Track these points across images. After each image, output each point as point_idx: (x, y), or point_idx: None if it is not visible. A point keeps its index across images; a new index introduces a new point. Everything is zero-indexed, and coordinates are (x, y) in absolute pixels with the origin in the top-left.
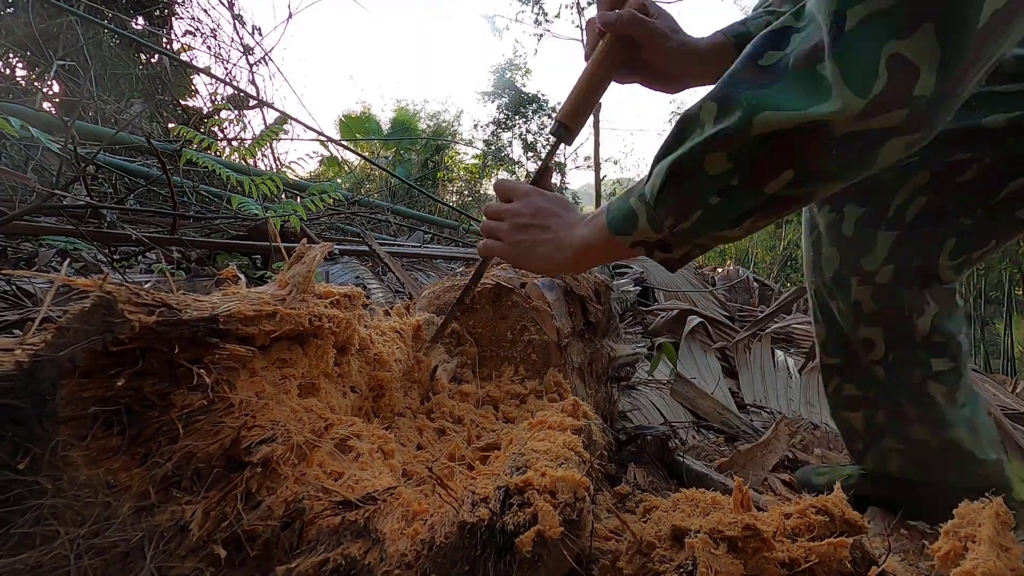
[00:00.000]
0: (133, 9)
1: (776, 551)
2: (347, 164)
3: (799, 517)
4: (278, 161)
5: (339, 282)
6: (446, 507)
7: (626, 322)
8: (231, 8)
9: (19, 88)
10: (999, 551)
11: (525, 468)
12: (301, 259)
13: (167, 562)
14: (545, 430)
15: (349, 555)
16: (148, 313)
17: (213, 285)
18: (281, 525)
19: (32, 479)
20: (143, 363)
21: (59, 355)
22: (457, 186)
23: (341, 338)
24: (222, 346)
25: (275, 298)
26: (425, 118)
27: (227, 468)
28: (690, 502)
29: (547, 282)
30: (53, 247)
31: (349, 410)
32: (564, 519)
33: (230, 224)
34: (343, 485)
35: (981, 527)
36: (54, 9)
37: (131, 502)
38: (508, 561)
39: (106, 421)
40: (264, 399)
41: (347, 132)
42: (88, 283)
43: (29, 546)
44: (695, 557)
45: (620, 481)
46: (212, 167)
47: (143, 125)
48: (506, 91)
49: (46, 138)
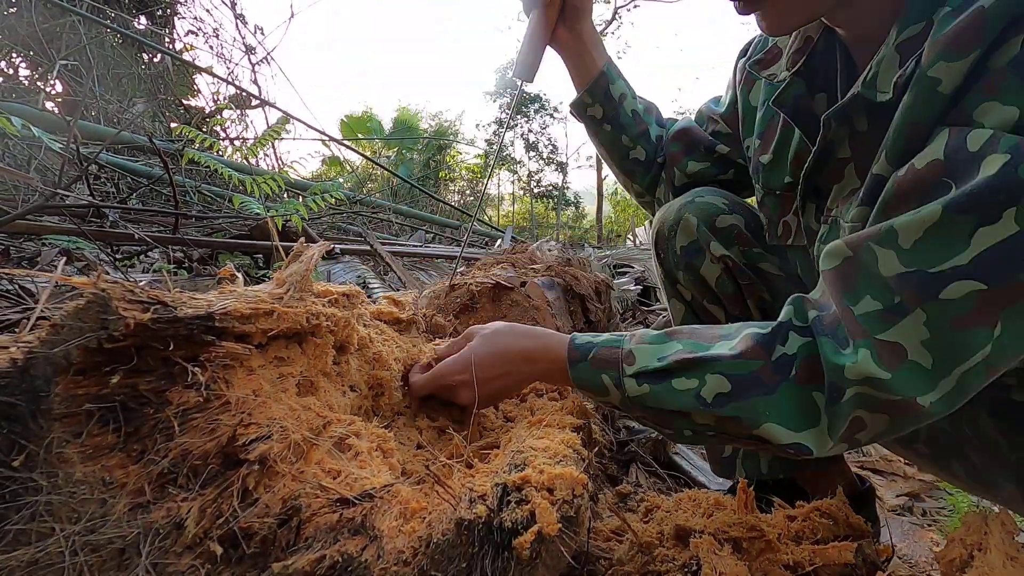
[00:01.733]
0: (136, 9)
1: (781, 553)
2: (349, 163)
3: (803, 520)
4: (280, 161)
5: (340, 281)
6: (444, 505)
7: (627, 321)
8: (233, 7)
9: (22, 87)
10: (1006, 559)
11: (523, 465)
12: (299, 258)
13: (163, 559)
14: (544, 428)
15: (346, 552)
16: (143, 310)
17: (215, 284)
18: (278, 522)
19: (27, 476)
20: (138, 360)
21: (54, 352)
22: (459, 186)
23: (340, 337)
24: (218, 344)
25: (272, 296)
26: (427, 118)
27: (223, 465)
28: (692, 502)
29: (547, 281)
30: (56, 246)
31: (348, 409)
32: (562, 516)
33: (232, 223)
34: (341, 483)
35: (988, 535)
36: (57, 9)
37: (127, 499)
38: (506, 558)
39: (101, 418)
40: (261, 397)
41: (349, 132)
42: (83, 281)
43: (24, 543)
44: (699, 557)
45: (621, 481)
46: (214, 166)
47: (145, 124)
48: (507, 90)
49: (48, 137)
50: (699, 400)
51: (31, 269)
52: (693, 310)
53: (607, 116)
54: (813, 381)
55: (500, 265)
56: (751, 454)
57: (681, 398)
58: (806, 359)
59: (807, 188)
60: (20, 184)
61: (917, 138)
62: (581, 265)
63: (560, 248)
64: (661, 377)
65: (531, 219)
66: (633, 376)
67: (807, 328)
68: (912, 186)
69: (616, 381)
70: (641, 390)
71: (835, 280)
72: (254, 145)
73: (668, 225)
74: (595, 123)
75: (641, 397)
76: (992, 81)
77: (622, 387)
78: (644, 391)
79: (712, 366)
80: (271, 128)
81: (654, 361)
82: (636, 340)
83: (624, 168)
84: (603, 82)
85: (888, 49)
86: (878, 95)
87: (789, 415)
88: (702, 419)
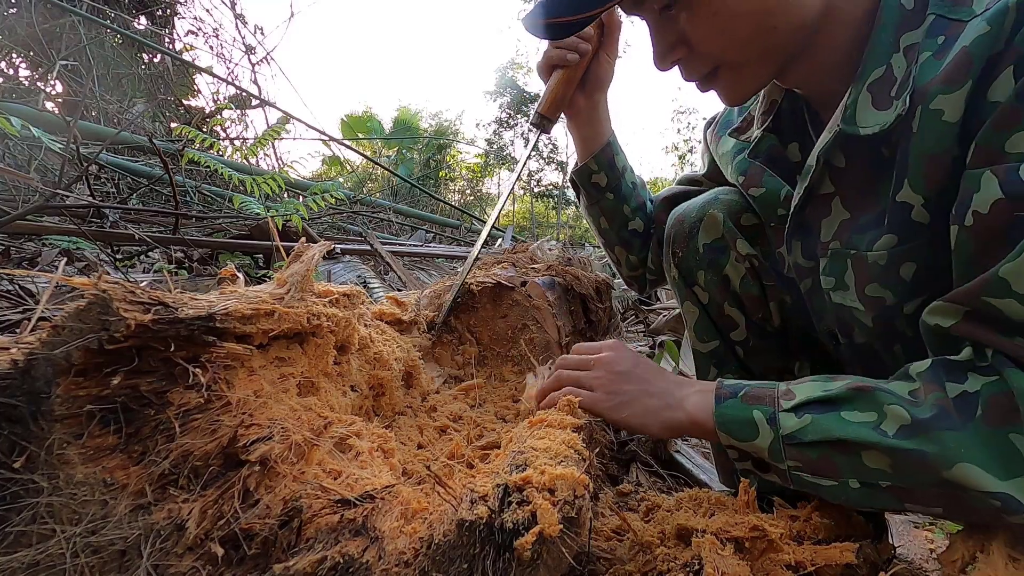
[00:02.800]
0: (135, 9)
1: (783, 553)
2: (349, 163)
3: (805, 520)
4: (280, 160)
5: (341, 281)
6: (445, 505)
7: (628, 321)
8: (233, 7)
9: (22, 88)
10: (1008, 560)
11: (524, 466)
12: (299, 258)
13: (164, 560)
14: (545, 428)
15: (347, 553)
16: (144, 311)
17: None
18: (279, 523)
19: (28, 477)
20: (139, 361)
21: (54, 353)
22: (459, 185)
23: (341, 337)
24: (219, 344)
25: (273, 297)
26: (427, 117)
27: (225, 466)
28: (693, 501)
29: (547, 280)
30: (56, 246)
31: (349, 409)
32: (563, 517)
33: (232, 223)
34: (342, 484)
35: (991, 537)
36: (57, 9)
37: (128, 500)
38: (507, 559)
39: (102, 419)
40: (262, 398)
41: (349, 132)
42: (84, 281)
43: (26, 544)
44: (701, 557)
45: (622, 480)
46: (214, 166)
47: (145, 125)
48: (508, 90)
49: (48, 138)
50: (877, 431)
51: (32, 270)
52: (709, 314)
53: (611, 185)
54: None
55: (500, 264)
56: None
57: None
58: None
59: (793, 226)
60: (20, 184)
61: (938, 167)
62: (582, 264)
63: (560, 248)
64: (828, 407)
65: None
66: (792, 409)
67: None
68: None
69: (770, 417)
70: (801, 423)
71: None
72: (254, 145)
73: (689, 222)
74: (599, 191)
75: (800, 432)
76: (1008, 115)
77: (776, 423)
78: (804, 423)
79: (890, 397)
80: (271, 128)
81: (818, 391)
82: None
83: (622, 238)
84: (609, 152)
85: (860, 90)
86: (860, 129)
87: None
88: (875, 460)
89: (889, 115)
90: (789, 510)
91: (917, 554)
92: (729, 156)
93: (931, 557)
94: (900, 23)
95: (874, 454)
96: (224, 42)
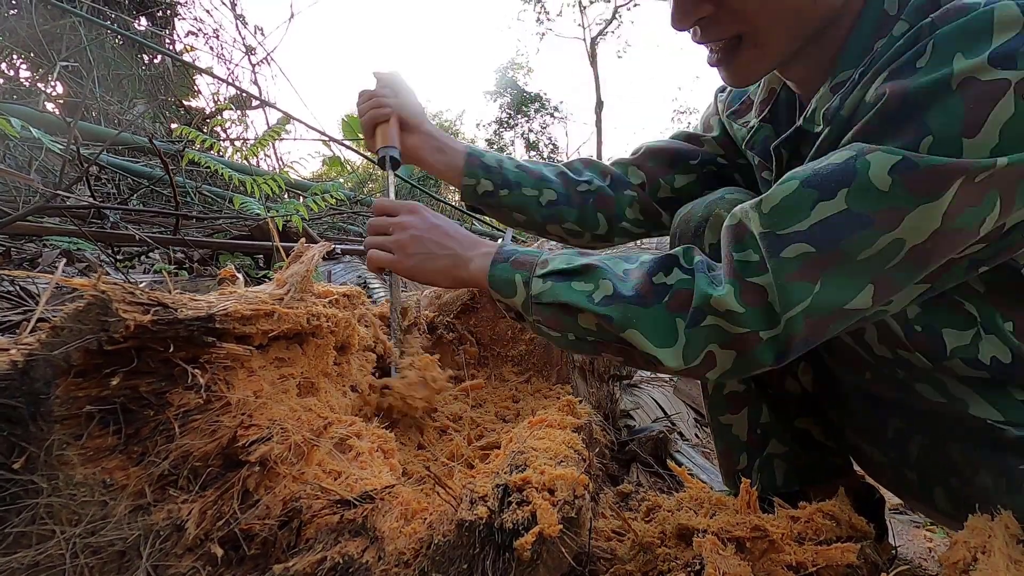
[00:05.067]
0: (136, 10)
1: (784, 554)
2: (349, 163)
3: (806, 521)
4: (280, 161)
5: (341, 281)
6: (445, 506)
7: None
8: (233, 8)
9: (23, 89)
10: (1009, 562)
11: (524, 466)
12: (299, 259)
13: (163, 561)
14: (545, 428)
15: (347, 553)
16: (143, 312)
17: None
18: (279, 524)
19: (28, 478)
20: (139, 362)
21: (53, 354)
22: None
23: (341, 337)
24: (219, 345)
25: (273, 297)
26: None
27: (224, 467)
28: (694, 501)
29: None
30: (56, 247)
31: (349, 409)
32: (563, 517)
33: (232, 224)
34: (342, 484)
35: (992, 539)
36: (57, 10)
37: (127, 501)
38: (507, 559)
39: (102, 420)
40: (262, 398)
41: (349, 132)
42: (83, 282)
43: (25, 545)
44: (703, 557)
45: (622, 480)
46: (214, 167)
47: (146, 125)
48: (507, 90)
49: (48, 139)
50: (589, 299)
51: (32, 270)
52: None
53: (498, 183)
54: (681, 310)
55: None
56: (767, 467)
57: (574, 295)
58: (680, 291)
59: None
60: (21, 185)
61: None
62: None
63: (560, 247)
64: (565, 277)
65: None
66: (541, 276)
67: (690, 268)
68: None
69: (526, 280)
70: (544, 287)
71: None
72: (254, 146)
73: (695, 221)
74: (491, 195)
75: (541, 294)
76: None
77: (529, 285)
78: (546, 288)
79: (606, 274)
80: (271, 128)
81: (562, 264)
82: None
83: (543, 216)
84: (474, 159)
85: (824, 90)
86: (814, 127)
87: (654, 330)
88: (586, 320)
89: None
90: (790, 510)
91: (917, 554)
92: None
93: (931, 557)
94: (876, 28)
95: (586, 315)
96: (224, 43)
